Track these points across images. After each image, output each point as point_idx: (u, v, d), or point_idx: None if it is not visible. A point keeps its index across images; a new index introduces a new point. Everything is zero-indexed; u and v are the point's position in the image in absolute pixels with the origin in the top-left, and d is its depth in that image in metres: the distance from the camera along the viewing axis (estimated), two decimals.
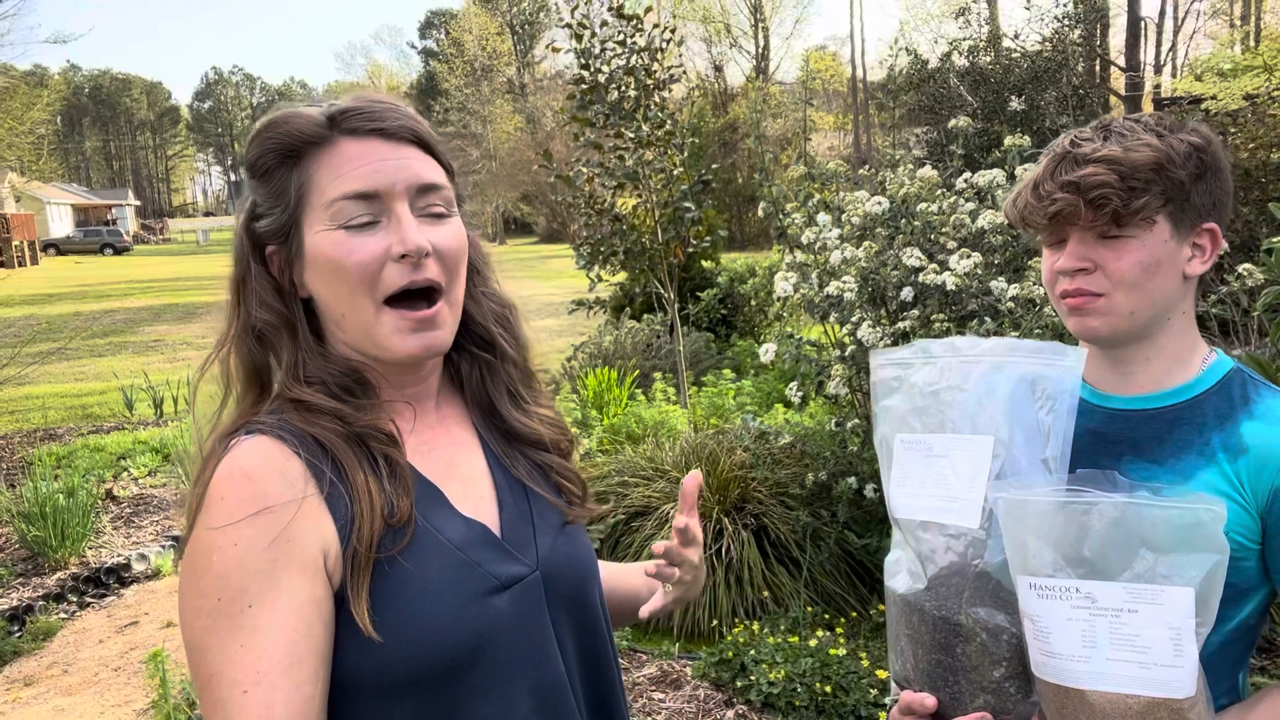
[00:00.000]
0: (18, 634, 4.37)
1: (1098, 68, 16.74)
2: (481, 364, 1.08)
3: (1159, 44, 20.56)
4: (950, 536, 1.08)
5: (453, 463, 1.01)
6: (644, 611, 1.15)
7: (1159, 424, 1.16)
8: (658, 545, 1.08)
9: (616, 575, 1.24)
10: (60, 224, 50.04)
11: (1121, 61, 16.72)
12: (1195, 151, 1.11)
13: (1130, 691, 0.98)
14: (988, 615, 1.06)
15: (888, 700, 1.19)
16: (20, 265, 32.78)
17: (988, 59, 12.59)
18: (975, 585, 1.06)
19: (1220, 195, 1.14)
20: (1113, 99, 17.02)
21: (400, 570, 0.88)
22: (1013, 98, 11.08)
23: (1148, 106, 15.88)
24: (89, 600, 4.84)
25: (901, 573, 1.13)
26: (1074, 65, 12.09)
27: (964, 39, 12.97)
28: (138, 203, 74.79)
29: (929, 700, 1.08)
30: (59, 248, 42.86)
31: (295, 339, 0.95)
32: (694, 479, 1.10)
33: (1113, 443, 1.18)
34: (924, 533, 1.10)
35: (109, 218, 57.11)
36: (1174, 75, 21.04)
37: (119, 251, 43.80)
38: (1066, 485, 1.04)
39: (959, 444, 1.10)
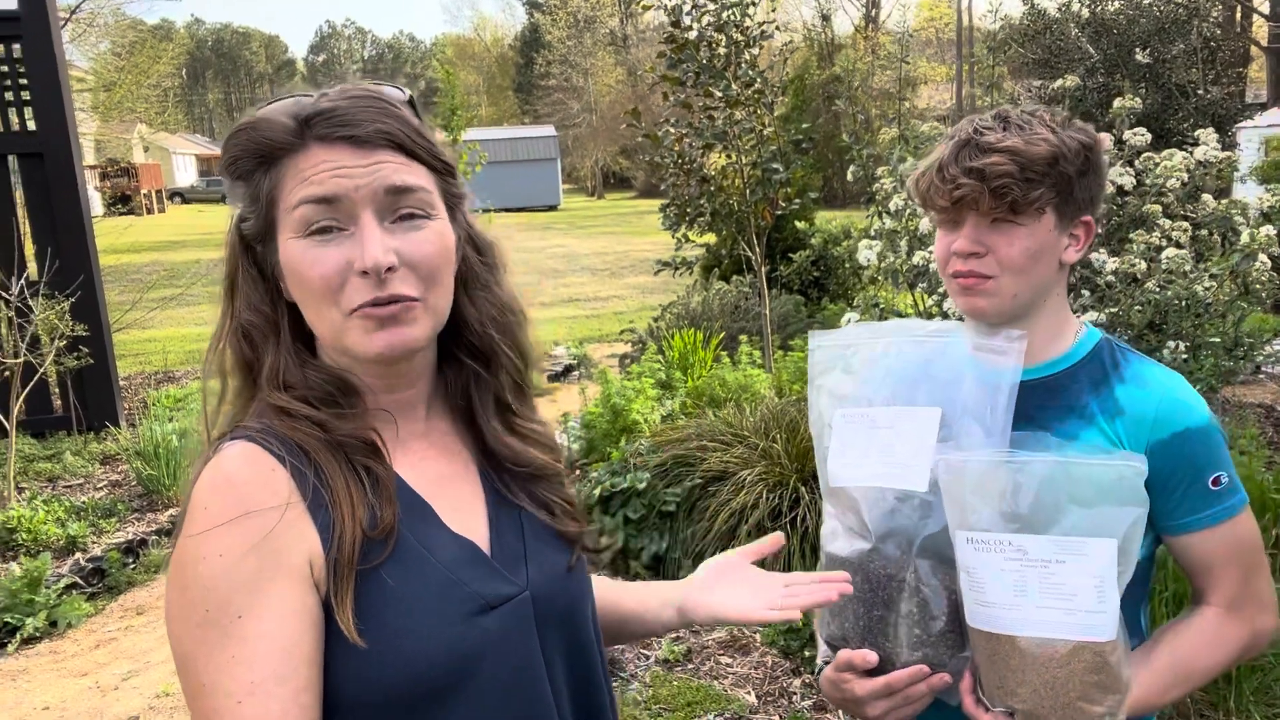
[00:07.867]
0: (132, 566, 4.70)
1: (1239, 17, 15.50)
2: (470, 374, 1.01)
3: None
4: (898, 500, 1.16)
5: (443, 478, 0.98)
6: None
7: (1042, 393, 1.26)
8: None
9: (618, 595, 1.22)
10: (185, 174, 52.65)
11: (1266, 9, 15.43)
12: (1084, 149, 1.20)
13: (1057, 636, 1.06)
14: (930, 572, 1.14)
15: (818, 662, 1.26)
16: (148, 213, 34.65)
17: (1113, 7, 11.73)
18: (921, 545, 1.14)
19: (1098, 191, 1.24)
20: (1254, 50, 15.78)
21: (384, 586, 0.86)
22: (1138, 50, 10.34)
23: None
24: None
25: (839, 538, 1.21)
26: (1205, 14, 11.17)
27: None
28: None
29: (871, 656, 1.15)
30: (184, 196, 45.18)
31: (278, 343, 0.93)
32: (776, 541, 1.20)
33: None
34: (869, 498, 1.18)
35: None
36: None
37: None
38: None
39: (905, 415, 1.19)
